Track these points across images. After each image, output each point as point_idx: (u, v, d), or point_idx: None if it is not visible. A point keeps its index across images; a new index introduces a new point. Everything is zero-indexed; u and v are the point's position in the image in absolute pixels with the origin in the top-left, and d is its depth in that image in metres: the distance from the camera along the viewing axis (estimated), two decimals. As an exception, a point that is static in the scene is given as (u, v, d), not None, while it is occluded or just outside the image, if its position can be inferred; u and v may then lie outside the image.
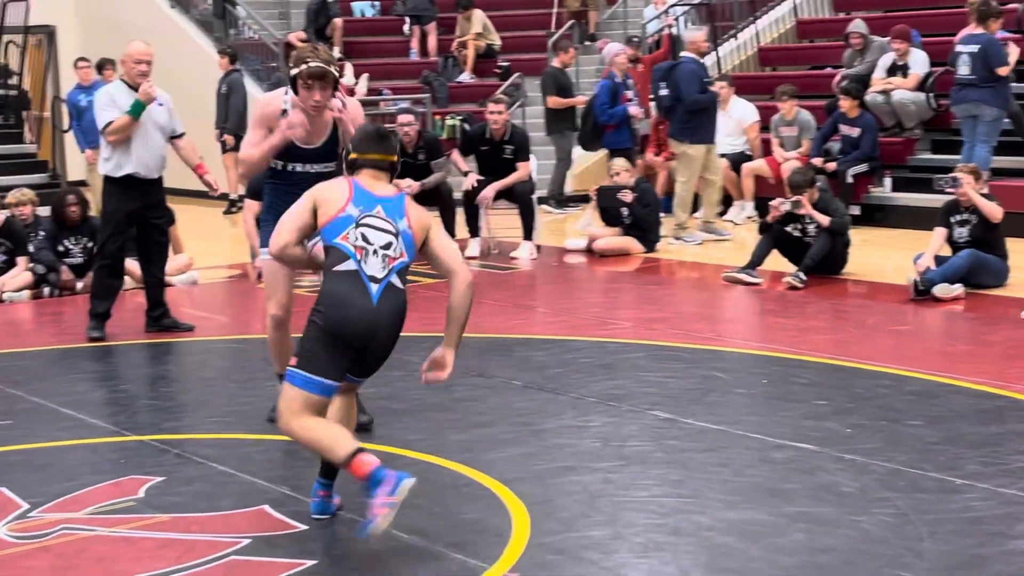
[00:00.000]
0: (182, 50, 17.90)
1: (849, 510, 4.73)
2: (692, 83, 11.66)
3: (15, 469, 5.56)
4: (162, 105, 8.48)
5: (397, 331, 4.72)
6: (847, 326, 8.32)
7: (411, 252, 4.78)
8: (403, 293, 4.73)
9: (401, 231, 4.75)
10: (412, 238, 4.78)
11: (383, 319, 4.64)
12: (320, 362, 4.59)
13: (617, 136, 13.03)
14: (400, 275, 4.73)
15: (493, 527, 4.66)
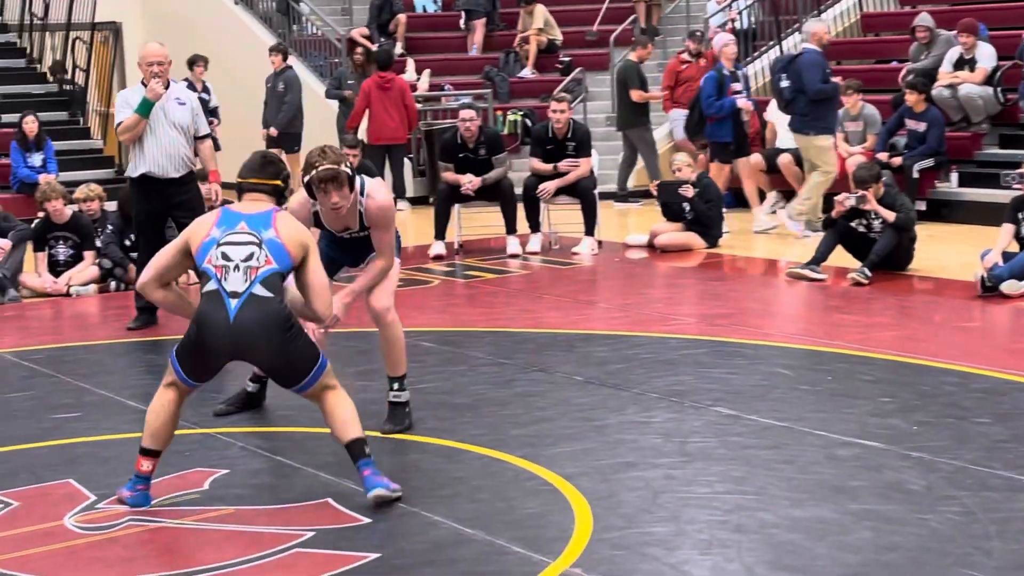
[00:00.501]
0: (245, 46, 18.04)
1: (916, 508, 4.68)
2: (816, 73, 11.53)
3: (82, 461, 5.63)
4: (183, 104, 8.40)
5: (271, 336, 4.82)
6: (913, 323, 8.24)
7: (281, 260, 4.89)
8: (271, 301, 4.83)
9: (265, 240, 4.89)
10: (281, 247, 4.90)
11: (244, 331, 4.80)
12: (187, 364, 4.97)
13: (718, 128, 12.54)
14: (266, 284, 4.84)
15: (555, 522, 4.65)
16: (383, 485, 4.86)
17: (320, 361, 4.96)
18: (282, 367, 4.95)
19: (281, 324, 4.85)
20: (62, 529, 4.75)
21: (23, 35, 17.40)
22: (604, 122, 16.51)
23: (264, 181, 5.12)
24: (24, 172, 13.48)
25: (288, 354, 4.89)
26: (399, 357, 5.97)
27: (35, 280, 10.20)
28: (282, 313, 4.88)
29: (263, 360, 4.98)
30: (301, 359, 4.92)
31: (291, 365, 4.93)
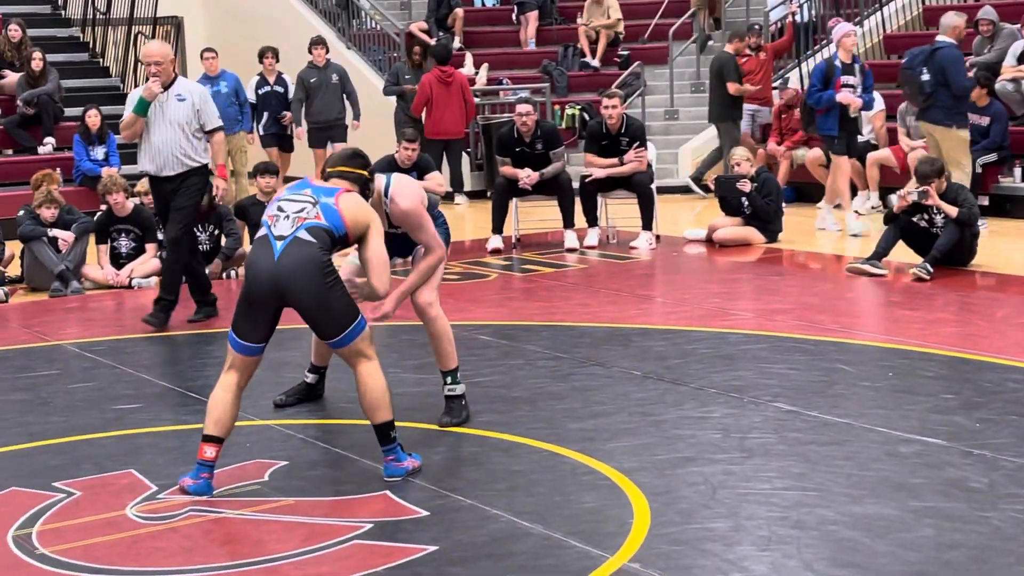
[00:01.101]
0: (305, 41, 18.13)
1: (978, 506, 4.63)
2: (961, 68, 11.34)
3: (144, 452, 5.68)
4: (183, 100, 8.28)
5: (310, 277, 4.98)
6: (975, 319, 8.15)
7: (332, 221, 5.07)
8: (313, 245, 5.00)
9: (322, 203, 5.10)
10: (336, 212, 5.09)
11: (286, 269, 4.98)
12: (240, 325, 5.12)
13: (824, 121, 11.83)
14: (312, 231, 5.02)
15: (613, 517, 4.64)
16: (400, 472, 5.10)
17: (359, 320, 5.09)
18: (320, 313, 5.05)
19: (320, 267, 4.99)
20: (124, 519, 4.80)
21: (86, 29, 17.60)
22: (662, 116, 16.47)
23: (350, 170, 5.34)
24: (87, 165, 13.63)
25: (326, 300, 5.01)
26: (448, 350, 6.00)
27: (97, 272, 10.31)
28: (323, 259, 5.01)
29: (302, 303, 5.04)
30: (339, 309, 5.04)
31: (328, 313, 5.04)
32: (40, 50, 14.75)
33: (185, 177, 8.33)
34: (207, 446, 5.07)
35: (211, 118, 8.41)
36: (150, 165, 8.34)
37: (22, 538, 4.62)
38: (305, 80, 14.85)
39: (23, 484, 5.23)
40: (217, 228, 10.50)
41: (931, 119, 11.46)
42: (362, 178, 5.36)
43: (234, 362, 5.16)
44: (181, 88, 8.38)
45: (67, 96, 15.15)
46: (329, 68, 15.02)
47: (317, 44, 15.13)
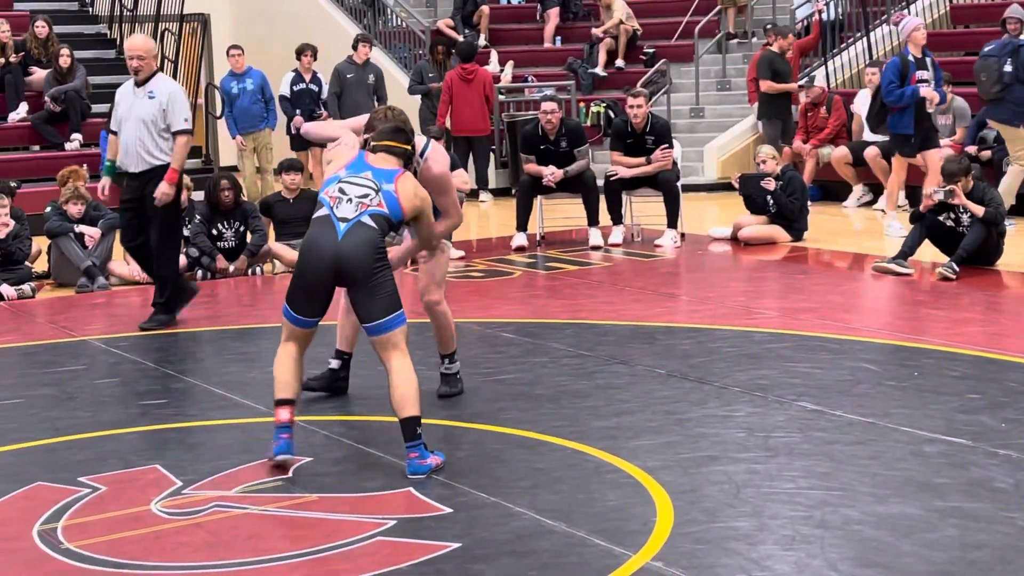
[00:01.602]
0: (331, 38, 18.16)
1: (1003, 506, 4.61)
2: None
3: (169, 447, 5.71)
4: (153, 98, 8.18)
5: (366, 258, 5.22)
6: (1001, 318, 8.11)
7: (393, 209, 5.32)
8: (374, 231, 5.25)
9: (383, 190, 5.32)
10: (396, 200, 5.32)
11: (346, 248, 5.21)
12: (296, 301, 5.36)
13: (899, 119, 11.41)
14: (374, 218, 5.26)
15: (637, 515, 4.64)
16: (424, 469, 5.12)
17: (401, 313, 5.29)
18: (370, 294, 5.24)
19: (375, 248, 5.23)
20: (149, 514, 4.82)
21: (113, 26, 17.66)
22: (688, 114, 16.44)
23: (397, 144, 5.49)
24: (113, 161, 13.68)
25: (375, 281, 5.22)
26: (449, 337, 6.38)
27: (123, 268, 10.35)
28: (379, 241, 5.27)
29: (357, 281, 5.24)
30: (385, 293, 5.24)
31: (375, 295, 5.24)
32: (68, 47, 14.82)
33: (152, 176, 8.19)
34: (281, 409, 5.31)
35: (178, 119, 8.22)
36: (123, 159, 8.32)
37: (48, 532, 4.65)
38: (342, 74, 14.77)
39: (49, 479, 5.26)
40: (243, 224, 10.53)
41: (999, 117, 11.29)
42: (407, 153, 5.54)
43: (291, 334, 5.41)
44: (155, 86, 8.28)
45: (94, 92, 15.20)
46: (367, 67, 14.93)
47: (363, 41, 15.03)
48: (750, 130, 15.54)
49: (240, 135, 14.34)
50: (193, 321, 8.68)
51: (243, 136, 14.34)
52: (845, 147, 13.57)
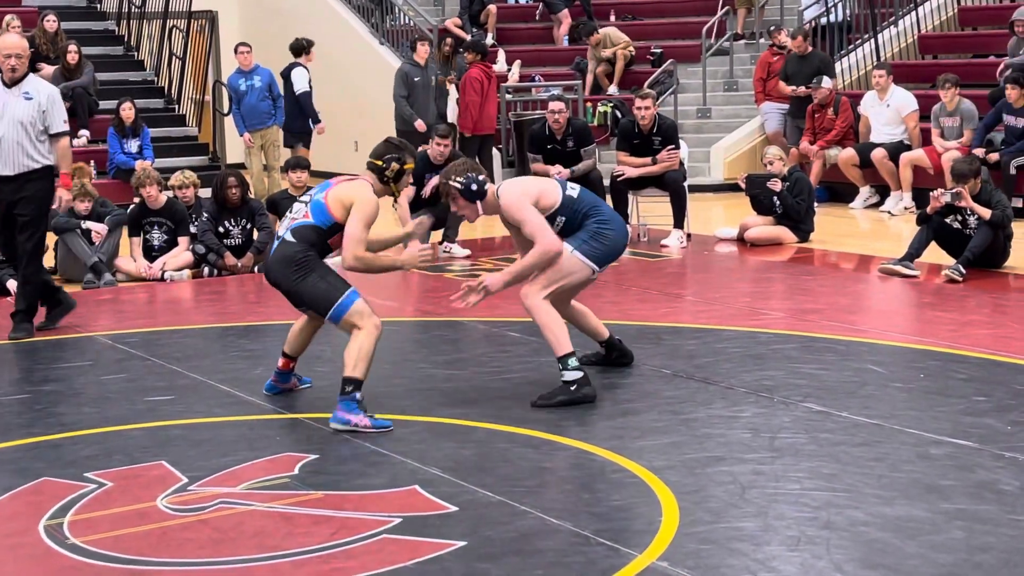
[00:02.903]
0: (339, 36, 18.18)
1: (1009, 509, 4.60)
2: None
3: (175, 444, 5.71)
4: (30, 99, 7.91)
5: (282, 271, 5.92)
6: (1008, 321, 8.10)
7: (318, 216, 5.91)
8: (290, 245, 5.91)
9: (313, 200, 5.97)
10: (323, 207, 5.91)
11: (270, 264, 6.03)
12: None
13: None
14: (295, 232, 5.92)
15: (642, 515, 4.64)
16: (341, 421, 5.73)
17: (339, 303, 5.81)
18: (300, 300, 5.97)
19: (290, 261, 5.88)
20: (154, 510, 4.83)
21: (121, 23, 17.68)
22: (695, 114, 16.44)
23: (370, 160, 6.09)
24: (121, 158, 13.71)
25: (297, 291, 5.91)
26: (550, 339, 6.21)
27: (130, 265, 10.37)
28: (295, 256, 5.87)
29: (283, 291, 6.01)
30: (313, 296, 5.87)
31: (305, 300, 5.93)
32: (75, 43, 14.83)
33: (27, 180, 7.92)
34: (281, 358, 6.36)
35: (56, 121, 7.98)
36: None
37: (54, 528, 4.65)
38: (409, 77, 13.99)
39: (55, 474, 5.27)
40: (249, 222, 10.54)
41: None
42: (375, 166, 6.06)
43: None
44: (30, 86, 8.00)
45: (102, 89, 15.22)
46: (429, 68, 14.29)
47: (422, 40, 14.34)
48: (757, 131, 15.54)
49: (247, 132, 14.35)
50: (200, 318, 8.68)
51: (250, 133, 14.34)
52: (852, 148, 13.56)
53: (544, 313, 6.18)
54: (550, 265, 6.15)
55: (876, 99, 13.54)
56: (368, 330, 5.79)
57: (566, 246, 6.19)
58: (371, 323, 5.80)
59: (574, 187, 6.37)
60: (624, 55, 16.71)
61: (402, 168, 6.04)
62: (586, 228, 6.24)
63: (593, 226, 6.25)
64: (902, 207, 13.00)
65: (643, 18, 18.28)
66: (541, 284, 6.18)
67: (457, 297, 6.18)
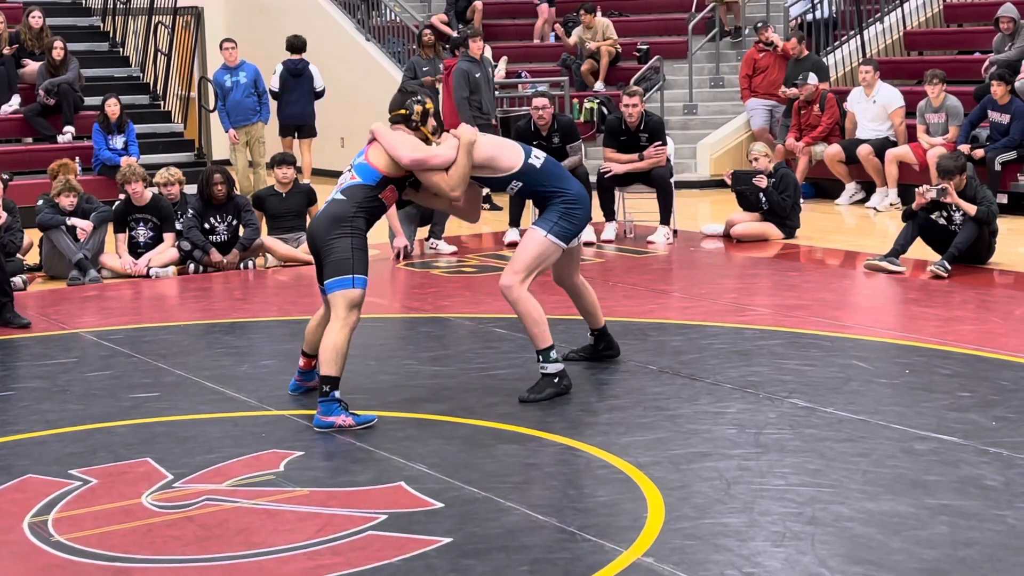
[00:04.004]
0: (326, 32, 18.15)
1: (994, 504, 4.62)
2: None
3: (160, 441, 5.70)
4: None
5: (323, 228, 5.94)
6: (992, 317, 8.12)
7: (365, 174, 6.01)
8: (340, 203, 5.96)
9: (355, 164, 6.08)
10: (366, 165, 6.03)
11: (318, 222, 6.02)
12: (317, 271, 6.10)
13: None
14: (345, 192, 5.99)
15: (628, 511, 4.64)
16: (323, 424, 5.73)
17: (344, 279, 5.83)
18: (322, 259, 5.94)
19: (335, 219, 5.91)
20: (139, 507, 4.82)
21: (106, 19, 17.64)
22: (681, 111, 16.45)
23: (394, 114, 6.23)
24: (106, 154, 13.67)
25: (327, 247, 5.89)
26: (532, 331, 6.20)
27: (115, 261, 10.34)
28: (345, 215, 5.91)
29: (315, 248, 5.99)
30: (332, 259, 5.86)
31: (325, 259, 5.91)
32: (61, 39, 14.78)
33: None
34: (301, 357, 6.34)
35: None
36: None
37: (38, 525, 4.64)
38: (470, 75, 13.62)
39: (40, 471, 5.26)
40: (235, 218, 10.52)
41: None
42: (400, 117, 6.19)
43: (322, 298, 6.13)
44: None
45: (87, 85, 15.17)
46: (484, 62, 13.96)
47: (475, 36, 13.89)
48: (743, 127, 15.55)
49: (233, 129, 14.33)
50: (185, 314, 8.67)
51: (236, 130, 14.32)
52: (838, 145, 13.58)
53: (527, 305, 6.18)
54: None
55: (862, 95, 13.56)
56: (344, 323, 5.81)
57: (539, 230, 6.19)
58: (351, 316, 5.83)
59: (539, 156, 6.29)
60: (609, 51, 16.69)
61: (425, 108, 6.19)
62: (554, 208, 6.21)
63: (562, 207, 6.21)
64: (888, 203, 13.02)
65: (629, 14, 18.27)
66: (522, 274, 6.17)
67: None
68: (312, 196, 10.99)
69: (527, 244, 6.25)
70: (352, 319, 5.85)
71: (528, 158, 6.22)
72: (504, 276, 6.23)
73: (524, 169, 6.19)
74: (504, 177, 6.20)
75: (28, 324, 8.30)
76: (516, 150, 6.24)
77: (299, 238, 10.77)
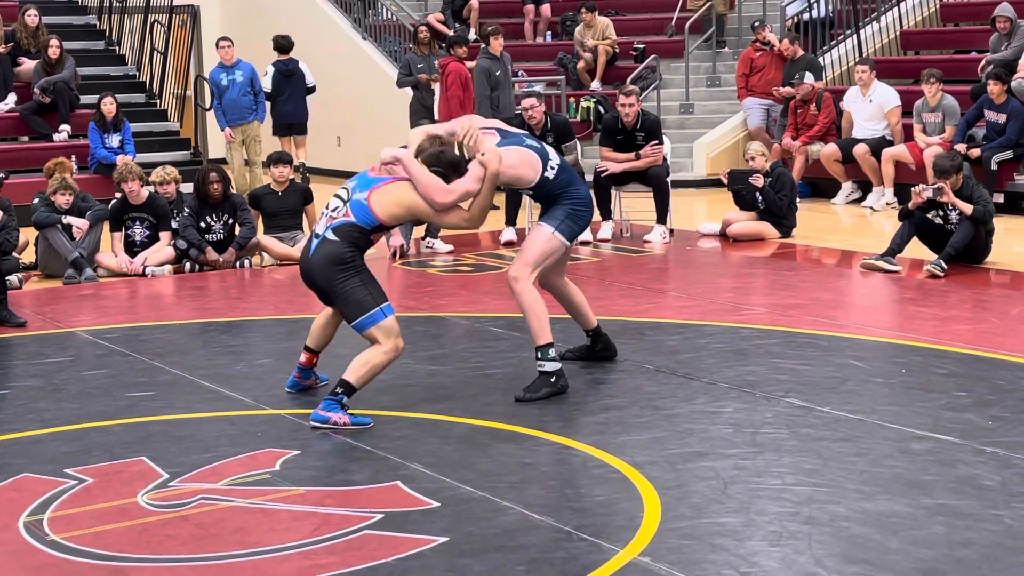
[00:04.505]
0: (322, 31, 18.14)
1: (990, 504, 4.62)
2: None
3: (156, 439, 5.69)
4: None
5: (326, 272, 5.78)
6: (989, 316, 8.13)
7: (361, 217, 5.78)
8: (334, 244, 5.77)
9: (352, 200, 5.83)
10: (367, 209, 5.78)
11: (312, 262, 5.83)
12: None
13: None
14: (337, 231, 5.78)
15: (624, 510, 4.64)
16: (320, 419, 5.71)
17: (371, 314, 5.75)
18: (335, 302, 5.87)
19: (335, 260, 5.76)
20: (135, 506, 4.81)
21: (102, 17, 17.62)
22: (677, 110, 16.45)
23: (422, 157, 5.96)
24: (102, 153, 13.65)
25: (337, 291, 5.78)
26: (532, 325, 6.23)
27: (111, 260, 10.33)
28: (343, 256, 5.75)
29: (321, 291, 5.87)
30: (350, 302, 5.76)
31: (343, 304, 5.81)
32: (57, 37, 14.77)
33: None
34: (304, 353, 6.27)
35: None
36: None
37: (34, 524, 4.63)
38: (491, 72, 13.56)
39: (35, 470, 5.25)
40: (231, 217, 10.51)
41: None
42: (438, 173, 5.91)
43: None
44: None
45: (83, 84, 15.16)
46: (504, 58, 13.77)
47: (496, 35, 13.76)
48: (740, 126, 15.55)
49: (229, 127, 14.31)
50: (181, 313, 8.65)
51: (232, 128, 14.31)
52: (834, 144, 13.58)
53: (531, 297, 6.21)
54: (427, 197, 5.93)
55: (859, 95, 13.57)
56: (387, 350, 5.75)
57: (546, 226, 6.24)
58: (392, 344, 5.76)
59: (554, 165, 6.23)
60: (606, 50, 16.68)
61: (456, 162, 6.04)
62: (562, 207, 6.25)
63: (569, 207, 6.25)
64: (884, 203, 13.02)
65: (626, 13, 18.26)
66: (530, 267, 6.20)
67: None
68: (308, 195, 10.98)
69: (535, 239, 6.27)
70: (393, 346, 5.77)
71: (544, 170, 6.20)
72: (513, 268, 6.26)
73: (539, 183, 6.23)
74: (519, 190, 6.25)
75: (24, 323, 8.29)
76: (535, 165, 6.18)
77: (295, 237, 10.76)
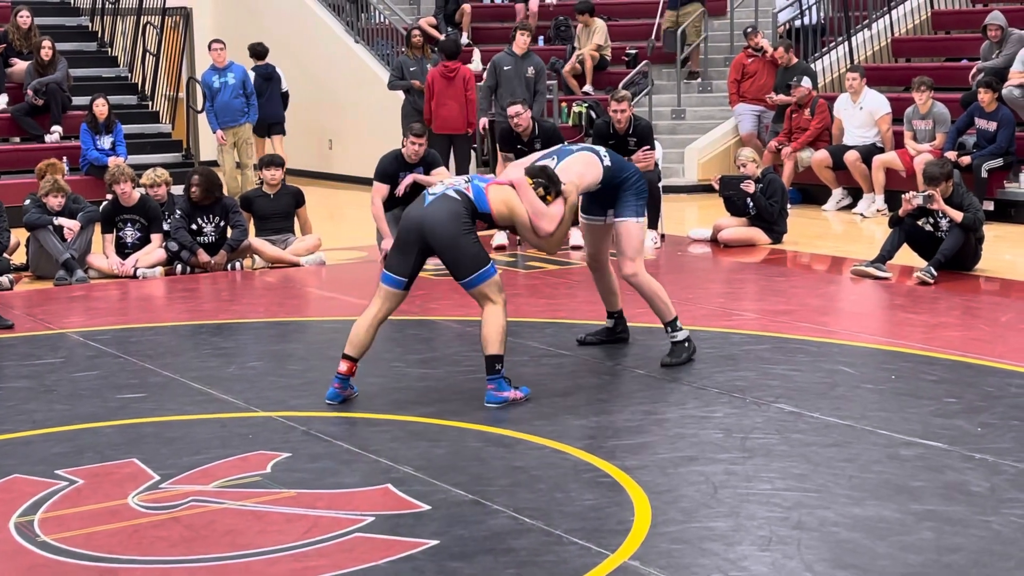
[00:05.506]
0: (314, 34, 18.14)
1: (979, 510, 4.64)
2: None
3: (147, 441, 5.69)
4: None
5: (446, 223, 5.94)
6: (978, 323, 8.15)
7: (478, 198, 6.07)
8: (456, 202, 6.00)
9: (474, 182, 6.15)
10: (484, 195, 6.09)
11: (430, 214, 5.98)
12: (392, 263, 6.12)
13: None
14: (458, 192, 6.04)
15: (614, 515, 4.65)
16: (497, 400, 6.01)
17: (486, 269, 6.00)
18: (452, 255, 6.00)
19: (458, 216, 5.97)
20: (125, 508, 4.81)
21: (95, 19, 17.60)
22: (669, 115, 16.47)
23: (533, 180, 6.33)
24: (94, 154, 13.64)
25: (457, 244, 5.95)
26: (658, 307, 6.97)
27: (103, 261, 10.32)
28: (461, 211, 5.99)
29: (439, 243, 5.97)
30: (468, 255, 5.97)
31: (459, 256, 5.98)
32: (49, 39, 14.75)
33: None
34: (343, 362, 6.15)
35: None
36: None
37: (24, 525, 4.64)
38: (498, 66, 13.21)
39: (26, 471, 5.25)
40: (223, 219, 10.51)
41: None
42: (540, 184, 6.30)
43: (379, 293, 6.13)
44: None
45: (75, 85, 15.14)
46: (527, 59, 13.41)
47: (522, 30, 13.29)
48: (731, 132, 15.58)
49: (220, 130, 14.31)
50: (172, 315, 8.65)
51: (224, 131, 14.31)
52: (825, 150, 13.61)
53: (652, 285, 6.95)
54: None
55: (849, 102, 13.60)
56: (501, 306, 6.06)
57: (628, 219, 6.83)
58: (502, 299, 6.08)
59: (605, 155, 6.76)
60: (592, 56, 16.68)
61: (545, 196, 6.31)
62: (628, 193, 6.81)
63: (634, 189, 6.82)
64: (874, 209, 13.05)
65: (618, 19, 18.28)
66: (638, 260, 6.91)
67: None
68: (300, 197, 10.99)
69: (628, 234, 6.86)
70: (503, 300, 6.09)
71: (603, 162, 6.72)
72: (624, 267, 6.91)
73: (604, 177, 6.70)
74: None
75: (11, 325, 8.28)
76: (595, 163, 6.70)
77: (287, 239, 10.76)
